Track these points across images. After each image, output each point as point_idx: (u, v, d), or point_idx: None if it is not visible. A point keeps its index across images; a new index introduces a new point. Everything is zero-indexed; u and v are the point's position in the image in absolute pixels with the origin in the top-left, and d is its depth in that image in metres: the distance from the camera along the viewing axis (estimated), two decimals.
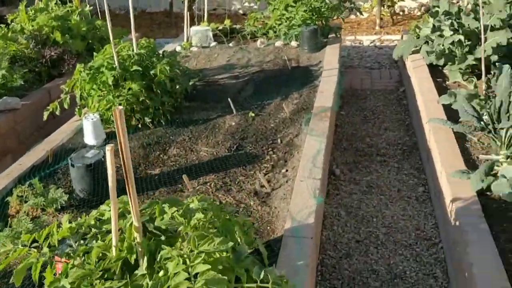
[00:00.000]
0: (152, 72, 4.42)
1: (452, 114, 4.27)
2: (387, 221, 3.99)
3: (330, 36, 6.86)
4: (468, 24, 5.29)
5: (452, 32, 5.19)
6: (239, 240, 1.83)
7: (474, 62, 5.28)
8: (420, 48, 5.76)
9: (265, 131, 4.35)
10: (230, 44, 6.80)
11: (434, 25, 5.52)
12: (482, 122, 3.66)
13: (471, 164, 3.72)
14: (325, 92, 4.91)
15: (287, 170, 3.68)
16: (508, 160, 3.51)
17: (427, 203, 4.18)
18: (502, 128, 3.44)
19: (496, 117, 3.59)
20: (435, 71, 5.63)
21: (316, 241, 3.05)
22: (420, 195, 4.31)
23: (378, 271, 3.47)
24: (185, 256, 1.59)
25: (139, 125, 4.40)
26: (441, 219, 3.73)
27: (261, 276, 1.70)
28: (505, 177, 2.95)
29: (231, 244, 1.61)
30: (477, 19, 5.32)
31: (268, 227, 3.03)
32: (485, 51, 5.10)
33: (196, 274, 1.53)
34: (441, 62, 5.42)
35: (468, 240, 2.91)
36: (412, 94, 5.72)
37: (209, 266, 1.51)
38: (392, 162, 4.90)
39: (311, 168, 3.54)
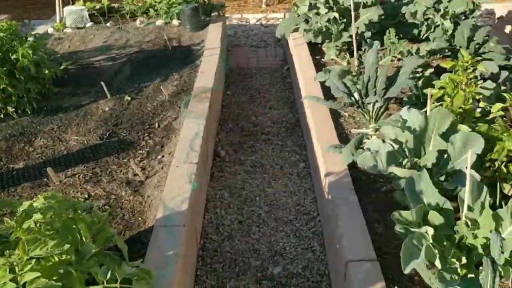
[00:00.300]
0: (13, 57, 4.05)
1: (329, 91, 4.37)
2: (269, 199, 4.01)
3: (213, 14, 6.75)
4: (342, 2, 5.43)
5: (327, 10, 5.29)
6: (84, 240, 1.69)
7: (349, 39, 5.44)
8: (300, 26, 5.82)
9: (142, 115, 4.17)
10: (108, 24, 6.45)
11: (310, 3, 5.60)
12: (352, 98, 3.76)
13: (344, 138, 3.83)
14: (206, 72, 4.81)
15: (163, 156, 3.55)
16: (377, 133, 3.66)
17: (307, 179, 4.27)
18: (369, 103, 3.56)
19: (365, 92, 3.71)
20: (315, 49, 5.74)
21: (191, 228, 2.97)
22: (301, 171, 4.39)
23: (259, 250, 3.48)
24: (14, 264, 1.43)
25: (1, 115, 4.02)
26: (318, 193, 3.82)
27: (108, 276, 1.58)
28: (370, 150, 3.05)
29: (67, 246, 1.47)
30: None
31: (140, 218, 2.90)
32: (358, 28, 5.27)
33: (25, 283, 1.38)
34: (319, 39, 5.53)
35: (338, 213, 2.99)
36: (294, 72, 5.79)
37: (39, 274, 1.37)
38: (276, 140, 4.95)
39: (188, 152, 3.44)
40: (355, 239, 2.77)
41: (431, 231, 2.35)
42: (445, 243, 2.42)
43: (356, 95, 3.74)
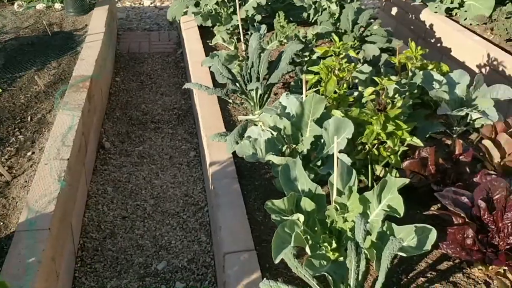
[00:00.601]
0: None
1: None
2: (156, 191, 3.88)
3: None
4: None
5: None
6: None
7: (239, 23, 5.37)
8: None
9: (13, 108, 3.84)
10: None
11: None
12: (237, 84, 3.69)
13: (232, 126, 3.77)
14: (87, 59, 4.53)
15: (33, 153, 3.29)
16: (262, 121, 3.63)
17: (198, 168, 4.17)
18: (252, 90, 3.51)
19: (248, 78, 3.66)
20: (206, 32, 5.60)
21: (61, 230, 2.77)
22: (191, 160, 4.29)
23: (143, 246, 3.35)
24: None
25: None
26: (207, 183, 3.74)
27: None
28: (250, 138, 3.00)
29: None
30: None
31: (2, 223, 2.66)
32: (247, 11, 5.21)
33: None
34: (209, 23, 5.40)
35: (219, 203, 2.93)
36: (186, 56, 5.64)
37: None
38: (167, 128, 4.80)
39: (59, 148, 3.21)
40: (234, 230, 2.73)
41: (302, 217, 2.35)
42: (316, 229, 2.44)
43: (241, 81, 3.67)
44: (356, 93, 3.46)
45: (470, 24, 5.96)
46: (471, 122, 3.55)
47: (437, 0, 6.24)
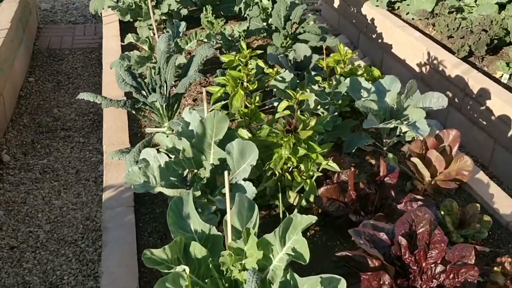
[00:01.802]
0: None
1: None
2: (54, 214, 3.41)
3: None
4: None
5: None
6: None
7: (164, 17, 4.91)
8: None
9: None
10: None
11: None
12: (143, 93, 3.24)
13: (139, 139, 3.32)
14: None
15: None
16: (174, 132, 3.20)
17: None
18: (153, 102, 3.07)
19: (154, 86, 3.21)
20: (130, 28, 5.10)
21: None
22: (99, 175, 3.82)
23: (30, 283, 2.89)
24: None
25: None
26: None
27: None
28: (145, 161, 2.57)
29: None
30: None
31: None
32: (169, 5, 4.75)
33: None
34: (128, 17, 4.90)
35: (107, 241, 2.50)
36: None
37: None
38: (78, 136, 4.30)
39: None
40: (117, 277, 2.31)
41: (187, 269, 1.95)
42: (207, 281, 2.04)
43: (146, 89, 3.22)
44: (276, 104, 3.08)
45: (413, 19, 5.68)
46: (402, 134, 3.23)
47: None
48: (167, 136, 2.61)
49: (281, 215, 2.53)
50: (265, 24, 4.72)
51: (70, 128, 4.41)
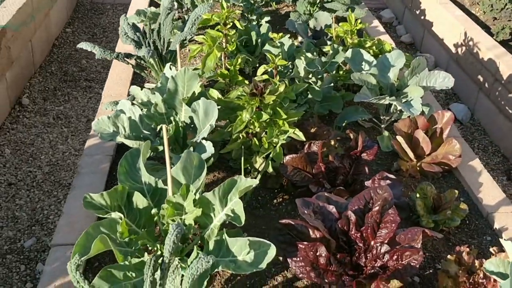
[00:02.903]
0: None
1: None
2: (56, 158, 3.57)
3: None
4: None
5: None
6: None
7: None
8: None
9: None
10: None
11: None
12: (144, 48, 3.28)
13: None
14: (9, 7, 4.15)
15: None
16: None
17: None
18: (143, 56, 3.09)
19: (153, 41, 3.23)
20: None
21: None
22: None
23: (19, 218, 3.07)
24: None
25: None
26: None
27: None
28: (121, 112, 2.61)
29: None
30: None
31: None
32: None
33: None
34: None
35: (76, 186, 2.60)
36: None
37: None
38: (98, 88, 4.44)
39: None
40: (75, 218, 2.41)
41: (123, 217, 1.99)
42: (144, 230, 2.09)
43: (146, 44, 3.26)
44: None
45: None
46: (399, 112, 3.09)
47: None
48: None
49: None
50: None
51: (93, 79, 4.56)
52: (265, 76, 2.51)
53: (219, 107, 2.43)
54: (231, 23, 2.67)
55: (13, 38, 3.99)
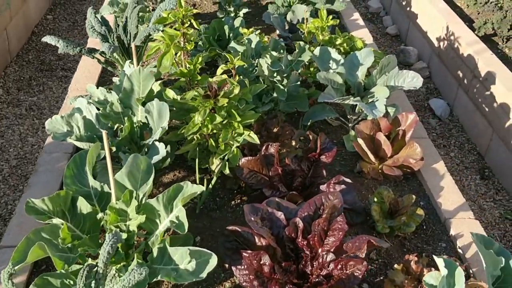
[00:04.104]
0: None
1: None
2: (24, 151, 3.55)
3: None
4: None
5: None
6: None
7: None
8: None
9: None
10: None
11: None
12: (111, 41, 3.23)
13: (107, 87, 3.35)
14: None
15: None
16: None
17: None
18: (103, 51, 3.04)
19: (119, 35, 3.18)
20: None
21: None
22: None
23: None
24: None
25: None
26: None
27: None
28: (78, 110, 2.58)
29: None
30: None
31: None
32: None
33: None
34: None
35: (30, 184, 2.58)
36: None
37: None
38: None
39: None
40: (27, 217, 2.38)
41: (64, 223, 1.98)
42: (87, 236, 2.07)
43: (111, 38, 3.21)
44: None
45: None
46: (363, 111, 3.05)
47: None
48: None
49: (197, 182, 2.49)
50: None
51: (70, 69, 4.51)
52: (224, 76, 2.47)
53: (174, 108, 2.40)
54: (189, 22, 2.61)
55: None
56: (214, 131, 2.36)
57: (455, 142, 4.03)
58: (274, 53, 2.87)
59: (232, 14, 4.20)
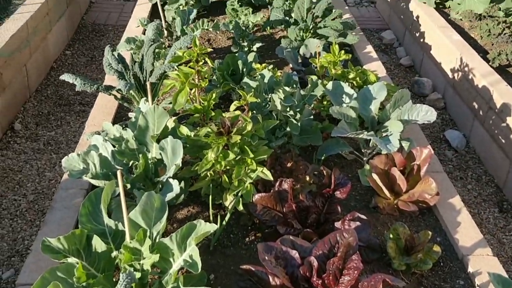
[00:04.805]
0: None
1: None
2: (42, 186, 3.59)
3: None
4: None
5: None
6: None
7: (192, 1, 4.93)
8: None
9: None
10: None
11: None
12: (127, 79, 3.30)
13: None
14: (2, 34, 4.21)
15: None
16: None
17: None
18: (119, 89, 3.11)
19: (135, 73, 3.25)
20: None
21: None
22: None
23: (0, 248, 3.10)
24: None
25: None
26: None
27: None
28: (95, 147, 2.63)
29: None
30: None
31: None
32: None
33: None
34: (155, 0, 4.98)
35: (46, 221, 2.60)
36: None
37: None
38: None
39: None
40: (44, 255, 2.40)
41: (79, 262, 1.99)
42: (102, 275, 2.07)
43: (127, 75, 3.28)
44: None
45: (461, 20, 5.29)
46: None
47: None
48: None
49: (211, 218, 2.50)
50: (286, 15, 4.60)
51: (88, 104, 4.59)
52: (237, 112, 2.50)
53: (188, 145, 2.43)
54: (203, 60, 2.66)
55: (5, 64, 4.05)
56: (228, 167, 2.37)
57: (472, 174, 3.98)
58: (287, 88, 2.89)
59: (246, 49, 4.26)
